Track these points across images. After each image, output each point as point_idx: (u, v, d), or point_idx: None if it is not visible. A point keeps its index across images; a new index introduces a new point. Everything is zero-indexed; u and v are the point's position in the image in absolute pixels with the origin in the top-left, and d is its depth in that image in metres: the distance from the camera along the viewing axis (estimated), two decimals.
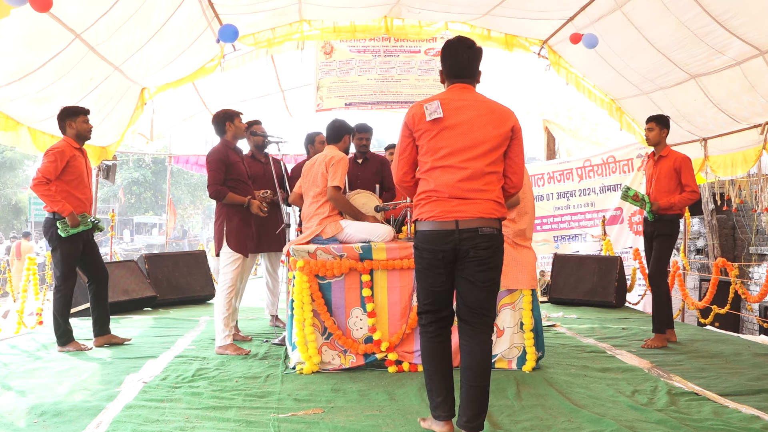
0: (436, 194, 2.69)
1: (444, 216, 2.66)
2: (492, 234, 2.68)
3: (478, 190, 2.67)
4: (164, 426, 2.88)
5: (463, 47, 2.78)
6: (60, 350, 4.57)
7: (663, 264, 4.94)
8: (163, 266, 7.30)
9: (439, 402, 2.75)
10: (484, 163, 2.67)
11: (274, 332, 5.28)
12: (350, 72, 8.37)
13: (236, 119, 4.72)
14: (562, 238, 9.70)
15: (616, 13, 6.04)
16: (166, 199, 12.48)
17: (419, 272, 2.80)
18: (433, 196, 2.69)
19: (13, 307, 6.51)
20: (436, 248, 2.68)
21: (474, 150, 2.66)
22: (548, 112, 10.32)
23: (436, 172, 2.69)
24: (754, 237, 10.35)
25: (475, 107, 2.71)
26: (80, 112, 4.77)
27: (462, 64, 2.78)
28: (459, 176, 2.66)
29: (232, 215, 4.57)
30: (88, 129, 4.79)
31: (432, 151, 2.70)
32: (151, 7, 5.41)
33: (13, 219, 26.73)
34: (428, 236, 2.70)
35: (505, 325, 4.10)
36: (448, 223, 2.65)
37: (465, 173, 2.66)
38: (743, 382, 3.70)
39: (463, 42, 2.79)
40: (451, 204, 2.66)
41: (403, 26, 7.91)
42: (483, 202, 2.67)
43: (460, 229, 2.64)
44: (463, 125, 2.68)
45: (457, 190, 2.66)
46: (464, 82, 2.78)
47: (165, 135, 10.42)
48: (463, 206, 2.65)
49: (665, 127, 5.05)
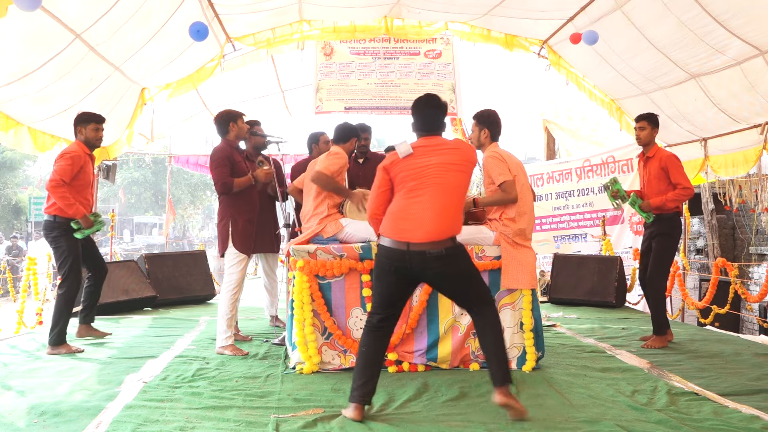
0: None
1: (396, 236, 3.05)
2: (441, 254, 3.02)
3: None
4: (164, 426, 2.88)
5: (430, 107, 3.23)
6: (50, 352, 4.50)
7: (662, 264, 4.86)
8: (163, 266, 7.30)
9: (359, 384, 3.02)
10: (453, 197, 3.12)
11: (274, 332, 5.27)
12: (350, 75, 8.39)
13: (239, 120, 4.74)
14: (562, 238, 9.70)
15: (617, 13, 6.05)
16: (166, 199, 12.48)
17: (376, 278, 3.18)
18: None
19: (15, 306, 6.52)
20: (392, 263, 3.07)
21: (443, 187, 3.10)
22: (548, 112, 10.32)
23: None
24: (754, 237, 10.36)
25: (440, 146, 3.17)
26: (92, 120, 4.81)
27: (428, 122, 3.23)
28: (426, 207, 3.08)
29: (237, 216, 4.57)
30: (97, 137, 4.83)
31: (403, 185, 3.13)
32: (151, 7, 5.41)
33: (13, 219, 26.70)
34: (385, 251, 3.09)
35: (505, 325, 4.09)
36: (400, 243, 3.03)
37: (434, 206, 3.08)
38: (743, 382, 3.70)
39: (430, 101, 3.24)
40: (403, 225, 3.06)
41: (403, 26, 7.92)
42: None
43: (410, 251, 3.01)
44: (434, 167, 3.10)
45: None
46: (432, 135, 3.22)
47: (165, 135, 10.41)
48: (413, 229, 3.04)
49: (656, 126, 4.97)
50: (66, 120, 5.47)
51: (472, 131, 4.24)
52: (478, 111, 4.23)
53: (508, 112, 9.82)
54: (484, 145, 4.15)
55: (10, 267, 8.07)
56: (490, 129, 4.14)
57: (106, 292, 6.29)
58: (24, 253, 16.95)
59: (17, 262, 13.43)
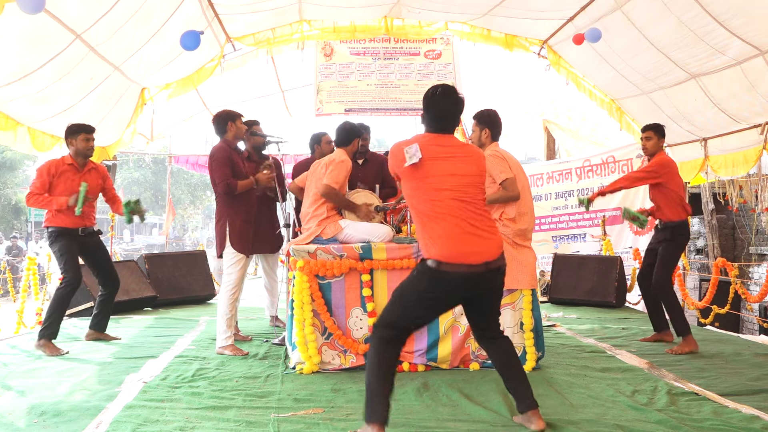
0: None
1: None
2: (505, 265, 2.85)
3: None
4: (164, 426, 2.88)
5: (449, 102, 2.87)
6: (37, 345, 4.51)
7: (665, 271, 4.77)
8: (163, 266, 7.30)
9: (382, 401, 2.66)
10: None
11: (274, 332, 5.27)
12: (350, 76, 8.40)
13: (238, 120, 4.74)
14: (560, 238, 9.70)
15: (617, 13, 6.05)
16: (166, 199, 12.47)
17: (421, 299, 2.77)
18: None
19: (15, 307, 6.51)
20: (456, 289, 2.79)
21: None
22: (548, 113, 10.32)
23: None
24: (754, 237, 10.36)
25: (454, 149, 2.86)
26: (81, 130, 4.80)
27: (447, 119, 2.89)
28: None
29: (234, 216, 4.57)
30: (88, 147, 4.81)
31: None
32: (151, 7, 5.41)
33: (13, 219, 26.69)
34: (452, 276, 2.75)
35: (505, 325, 4.09)
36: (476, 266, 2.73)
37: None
38: (743, 382, 3.70)
39: (449, 96, 2.87)
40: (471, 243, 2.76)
41: (403, 26, 7.92)
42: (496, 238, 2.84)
43: (491, 270, 2.77)
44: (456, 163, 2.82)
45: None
46: (446, 134, 2.90)
47: (165, 135, 10.41)
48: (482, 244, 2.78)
49: (662, 137, 4.93)
50: (66, 120, 5.46)
51: (473, 131, 4.24)
52: (478, 111, 4.23)
53: (508, 112, 9.82)
54: (484, 144, 4.15)
55: (10, 267, 8.08)
56: (491, 129, 4.15)
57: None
58: (24, 253, 16.96)
59: (17, 262, 13.43)
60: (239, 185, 4.54)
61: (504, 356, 2.93)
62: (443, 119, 2.88)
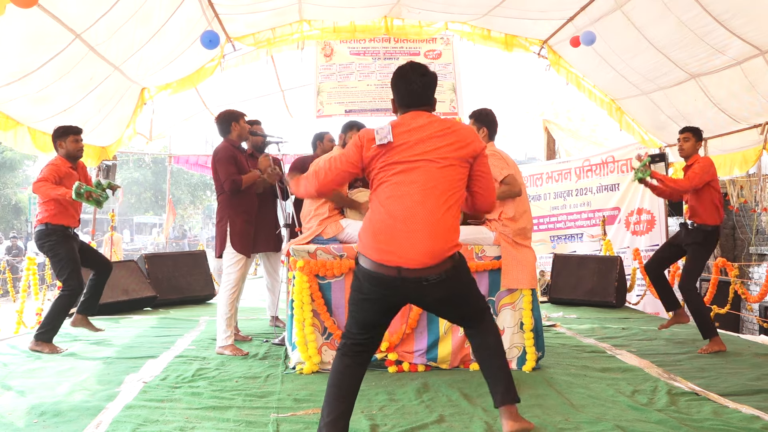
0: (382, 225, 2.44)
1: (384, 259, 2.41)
2: (441, 279, 2.44)
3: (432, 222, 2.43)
4: (164, 426, 2.88)
5: (417, 75, 2.56)
6: (32, 347, 4.48)
7: (693, 273, 4.77)
8: (163, 266, 7.30)
9: (329, 420, 2.40)
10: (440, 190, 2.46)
11: (274, 332, 5.27)
12: (350, 77, 8.40)
13: (241, 119, 4.74)
14: (558, 238, 9.71)
15: (617, 13, 6.05)
16: (166, 199, 12.47)
17: (355, 300, 2.54)
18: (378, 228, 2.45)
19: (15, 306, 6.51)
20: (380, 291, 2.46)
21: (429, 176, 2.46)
22: (548, 113, 10.33)
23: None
24: (754, 237, 10.35)
25: (430, 127, 2.52)
26: (69, 132, 4.77)
27: (416, 92, 2.56)
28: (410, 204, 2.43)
29: (235, 216, 4.57)
30: (77, 149, 4.79)
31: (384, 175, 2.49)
32: (151, 7, 5.41)
33: (13, 219, 26.71)
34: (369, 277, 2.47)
35: (505, 325, 4.10)
36: (390, 269, 2.40)
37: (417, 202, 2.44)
38: (743, 382, 3.70)
39: (417, 69, 2.58)
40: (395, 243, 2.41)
41: (403, 26, 7.92)
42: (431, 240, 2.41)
43: (403, 278, 2.40)
44: (416, 146, 2.47)
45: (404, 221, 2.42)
46: (419, 110, 2.57)
47: (165, 135, 10.41)
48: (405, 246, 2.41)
49: (700, 140, 4.87)
50: (66, 120, 5.47)
51: None
52: (475, 110, 4.24)
53: (508, 112, 9.83)
54: None
55: (10, 267, 8.07)
56: (488, 128, 4.16)
57: (106, 292, 6.26)
58: (24, 253, 16.96)
59: (17, 262, 13.43)
60: (244, 179, 4.55)
61: (481, 344, 2.62)
62: (416, 94, 2.56)
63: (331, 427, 2.40)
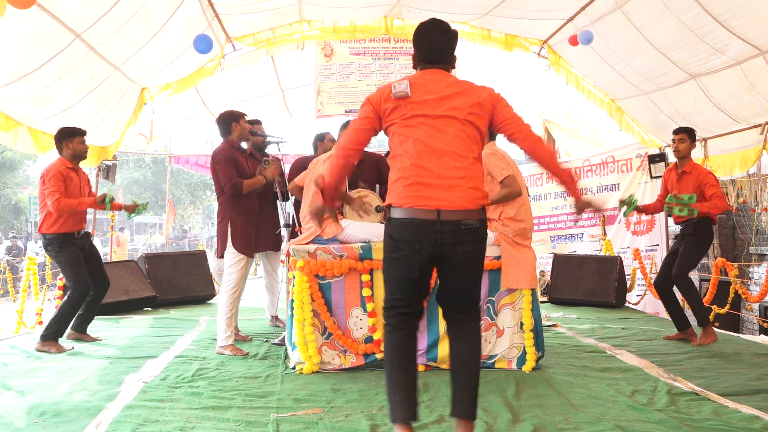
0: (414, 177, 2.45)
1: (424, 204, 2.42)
2: (475, 227, 2.47)
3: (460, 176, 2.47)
4: (164, 426, 2.88)
5: (438, 31, 2.61)
6: (39, 347, 4.51)
7: (687, 264, 4.83)
8: (163, 266, 7.30)
9: (398, 401, 2.47)
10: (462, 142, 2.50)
11: (274, 332, 5.27)
12: (350, 77, 8.41)
13: (242, 120, 4.74)
14: (558, 238, 9.71)
15: (616, 13, 6.05)
16: (166, 199, 12.47)
17: (390, 261, 2.52)
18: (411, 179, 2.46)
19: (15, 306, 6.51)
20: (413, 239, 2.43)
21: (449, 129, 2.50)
22: (548, 113, 10.33)
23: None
24: (754, 237, 10.35)
25: (449, 84, 2.57)
26: (76, 134, 4.83)
27: (437, 48, 2.61)
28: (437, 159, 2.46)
29: (236, 216, 4.57)
30: (83, 150, 4.88)
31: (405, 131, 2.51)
32: (151, 7, 5.42)
33: (13, 219, 26.71)
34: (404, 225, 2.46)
35: (505, 325, 4.10)
36: (428, 212, 2.41)
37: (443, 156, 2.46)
38: (743, 382, 3.70)
39: (438, 25, 2.62)
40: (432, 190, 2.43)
41: (403, 26, 7.92)
42: (465, 190, 2.46)
43: (442, 220, 2.40)
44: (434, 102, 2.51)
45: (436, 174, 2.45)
46: (438, 68, 2.61)
47: (165, 135, 10.41)
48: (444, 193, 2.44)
49: (694, 140, 5.00)
50: (66, 120, 5.47)
51: None
52: None
53: None
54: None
55: (10, 267, 8.07)
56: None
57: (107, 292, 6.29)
58: (24, 253, 16.96)
59: (17, 262, 13.43)
60: (245, 184, 4.53)
61: (466, 345, 2.57)
62: (433, 49, 2.62)
63: (404, 406, 2.45)
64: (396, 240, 2.48)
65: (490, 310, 4.10)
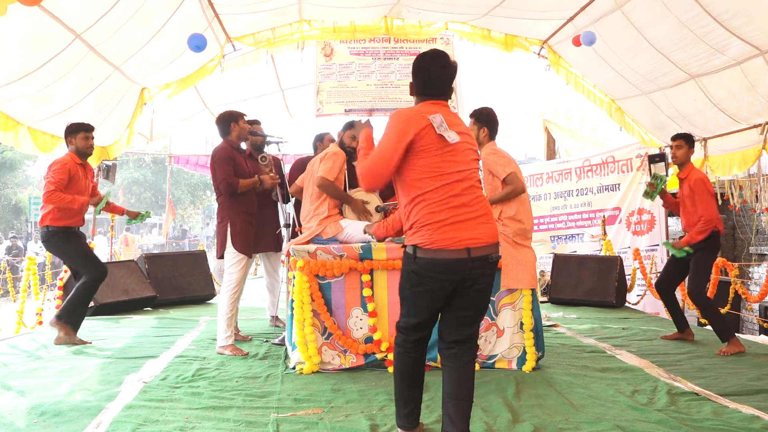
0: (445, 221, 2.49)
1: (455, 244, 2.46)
2: (498, 258, 2.58)
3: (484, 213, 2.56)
4: (164, 426, 2.88)
5: (437, 67, 2.59)
6: (53, 323, 4.60)
7: (701, 277, 4.79)
8: (163, 266, 7.30)
9: (406, 413, 2.66)
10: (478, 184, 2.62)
11: (274, 332, 5.27)
12: (350, 77, 8.41)
13: (241, 120, 4.75)
14: (559, 238, 9.70)
15: (616, 13, 6.04)
16: (166, 199, 12.47)
17: (414, 294, 2.57)
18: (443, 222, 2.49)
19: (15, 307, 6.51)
20: (443, 277, 2.49)
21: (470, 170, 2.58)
22: (548, 113, 10.33)
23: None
24: (754, 237, 10.35)
25: (454, 118, 2.61)
26: (80, 129, 4.86)
27: (436, 84, 2.60)
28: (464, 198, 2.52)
29: (235, 217, 4.57)
30: (87, 146, 4.88)
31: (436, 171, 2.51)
32: (151, 7, 5.41)
33: (13, 219, 26.69)
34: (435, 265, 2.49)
35: (505, 325, 4.10)
36: (458, 251, 2.46)
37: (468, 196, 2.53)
38: (743, 382, 3.70)
39: (439, 60, 2.59)
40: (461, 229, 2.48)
41: (403, 26, 7.92)
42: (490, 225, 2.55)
43: (472, 258, 2.46)
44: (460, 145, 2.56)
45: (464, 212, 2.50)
46: (439, 101, 2.62)
47: (165, 135, 10.42)
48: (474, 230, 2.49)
49: (692, 146, 4.94)
50: (66, 120, 5.46)
51: (471, 129, 4.24)
52: (476, 109, 4.25)
53: (508, 112, 9.83)
54: (482, 143, 4.17)
55: (10, 267, 8.07)
56: (489, 127, 4.17)
57: (106, 292, 6.29)
58: (24, 253, 16.96)
59: (17, 262, 13.43)
60: (241, 184, 4.54)
61: (469, 360, 2.58)
62: (436, 83, 2.60)
63: (411, 417, 2.65)
64: (422, 277, 2.52)
65: (490, 310, 4.10)
